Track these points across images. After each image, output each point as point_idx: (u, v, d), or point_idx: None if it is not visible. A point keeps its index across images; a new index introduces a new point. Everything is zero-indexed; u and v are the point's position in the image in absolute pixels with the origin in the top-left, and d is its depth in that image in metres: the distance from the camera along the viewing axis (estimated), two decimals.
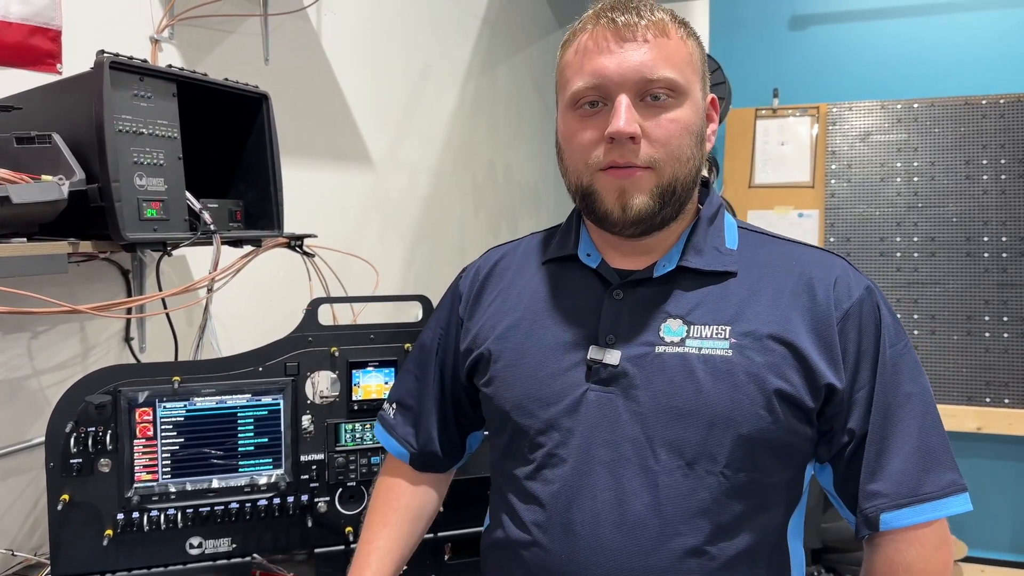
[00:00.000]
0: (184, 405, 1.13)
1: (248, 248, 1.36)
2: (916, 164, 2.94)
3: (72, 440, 1.07)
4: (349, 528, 1.20)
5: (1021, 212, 2.81)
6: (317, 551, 1.21)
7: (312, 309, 1.22)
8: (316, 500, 1.20)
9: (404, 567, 1.07)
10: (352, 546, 1.20)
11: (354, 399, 1.23)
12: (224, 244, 1.26)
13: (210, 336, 1.44)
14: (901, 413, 0.86)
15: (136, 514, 1.10)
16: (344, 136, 2.13)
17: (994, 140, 2.85)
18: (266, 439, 1.18)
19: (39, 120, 1.09)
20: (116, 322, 1.41)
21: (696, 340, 0.86)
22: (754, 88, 3.20)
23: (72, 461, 1.07)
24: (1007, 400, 2.77)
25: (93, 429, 1.08)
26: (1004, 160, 2.83)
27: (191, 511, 1.13)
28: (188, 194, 1.17)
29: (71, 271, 1.18)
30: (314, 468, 1.20)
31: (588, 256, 0.96)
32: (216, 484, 1.15)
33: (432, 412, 1.06)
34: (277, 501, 1.17)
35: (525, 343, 0.94)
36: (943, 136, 2.91)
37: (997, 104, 2.85)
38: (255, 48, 1.74)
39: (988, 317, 2.80)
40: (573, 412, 0.89)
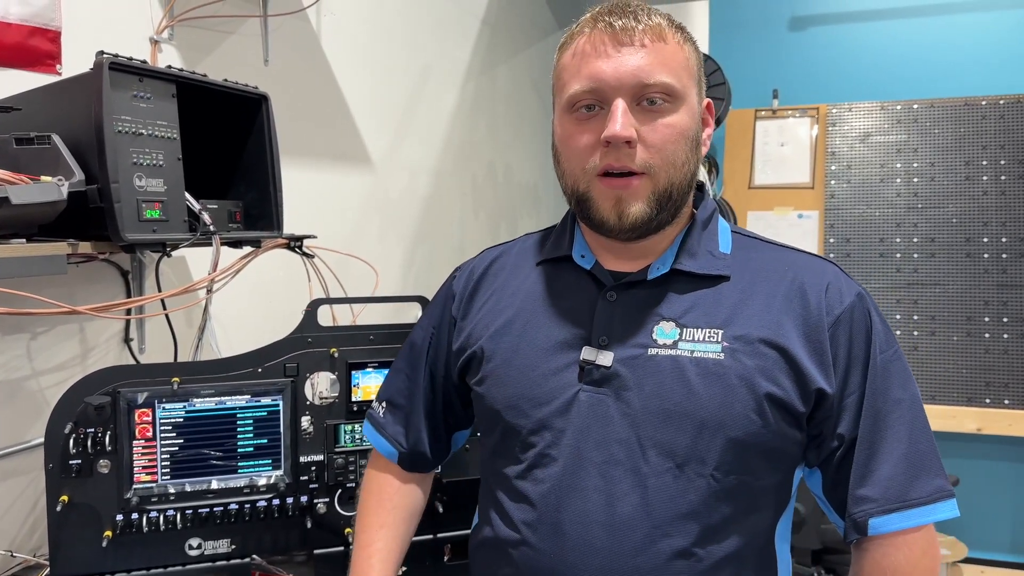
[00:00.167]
0: (183, 406, 1.13)
1: (248, 249, 1.36)
2: (916, 165, 2.94)
3: (71, 441, 1.07)
4: (348, 529, 1.20)
5: (1021, 213, 2.81)
6: (316, 552, 1.21)
7: (311, 310, 1.22)
8: (315, 501, 1.20)
9: (402, 568, 1.07)
10: (352, 547, 1.20)
11: (353, 400, 1.23)
12: (223, 245, 1.26)
13: (209, 337, 1.44)
14: (891, 419, 0.86)
15: (135, 515, 1.10)
16: (344, 137, 2.13)
17: (994, 141, 2.85)
18: (265, 440, 1.18)
19: (38, 121, 1.09)
20: (115, 323, 1.41)
21: (688, 343, 0.87)
22: (754, 89, 3.20)
23: (71, 462, 1.07)
24: (1007, 401, 2.77)
25: (92, 430, 1.08)
26: (1004, 161, 2.83)
27: (190, 512, 1.13)
28: (187, 195, 1.17)
29: (70, 272, 1.18)
30: (313, 469, 1.20)
31: (582, 257, 0.96)
32: (215, 485, 1.15)
33: (421, 412, 1.06)
34: (276, 502, 1.17)
35: (518, 343, 0.95)
36: (943, 137, 2.91)
37: (997, 105, 2.85)
38: (255, 49, 1.74)
39: (988, 318, 2.80)
40: (565, 412, 0.89)
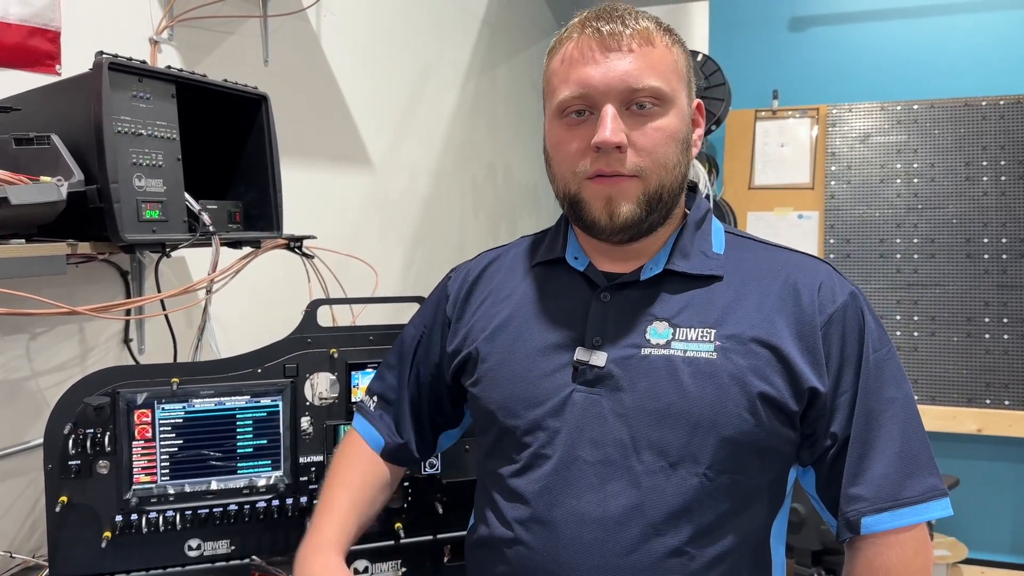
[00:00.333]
0: (183, 407, 1.13)
1: (247, 249, 1.36)
2: (916, 165, 2.94)
3: (70, 442, 1.07)
4: None
5: (1021, 213, 2.81)
6: None
7: (311, 310, 1.22)
8: (315, 502, 1.19)
9: (402, 569, 1.07)
10: (352, 548, 1.20)
11: (353, 401, 1.22)
12: (223, 245, 1.26)
13: (209, 337, 1.44)
14: (883, 418, 0.87)
15: (134, 516, 1.10)
16: (343, 137, 2.13)
17: (994, 141, 2.85)
18: (265, 441, 1.18)
19: (38, 121, 1.09)
20: (115, 323, 1.41)
21: (681, 343, 0.87)
22: (754, 89, 3.20)
23: (70, 463, 1.07)
24: (1007, 402, 2.77)
25: (92, 431, 1.08)
26: (1004, 161, 2.83)
27: (190, 513, 1.12)
28: (187, 195, 1.17)
29: (70, 272, 1.18)
30: (313, 470, 1.20)
31: (576, 259, 0.97)
32: (215, 486, 1.14)
33: (407, 410, 1.08)
34: (276, 503, 1.17)
35: (513, 344, 0.95)
36: (943, 137, 2.91)
37: (997, 105, 2.85)
38: (254, 49, 1.74)
39: (988, 318, 2.80)
40: (559, 412, 0.89)
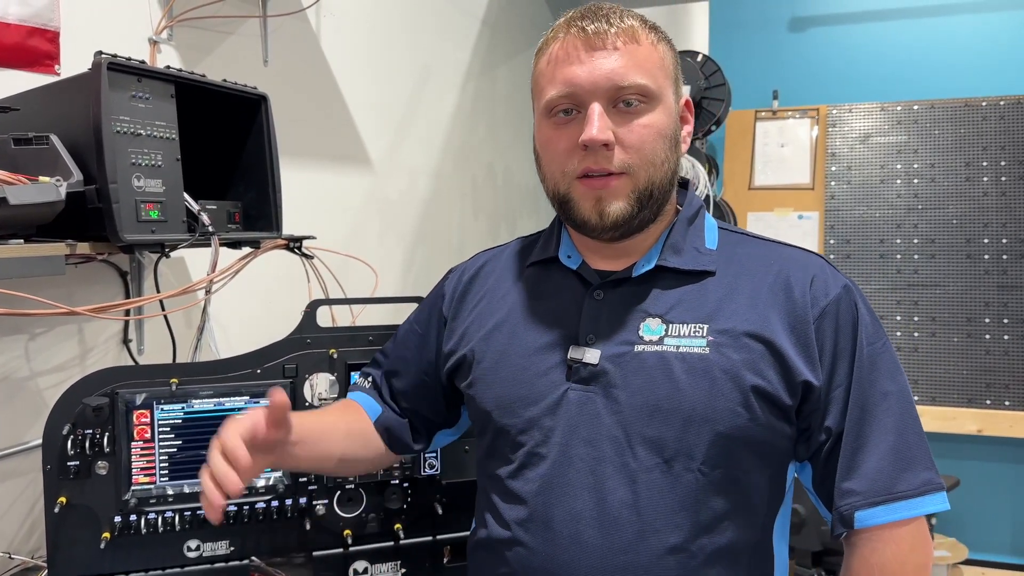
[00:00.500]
0: (182, 407, 1.13)
1: (247, 250, 1.35)
2: (916, 166, 2.94)
3: (69, 442, 1.07)
4: (348, 531, 1.20)
5: (1021, 214, 2.81)
6: (315, 554, 1.20)
7: (311, 311, 1.22)
8: (314, 503, 1.19)
9: (402, 571, 1.06)
10: (352, 548, 1.20)
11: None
12: (222, 246, 1.25)
13: (208, 338, 1.44)
14: (878, 411, 0.86)
15: (133, 517, 1.10)
16: (343, 138, 2.13)
17: (994, 142, 2.85)
18: None
19: (37, 121, 1.09)
20: (114, 324, 1.40)
21: (674, 338, 0.87)
22: (754, 90, 3.20)
23: (69, 463, 1.07)
24: (1007, 402, 2.77)
25: (90, 431, 1.08)
26: (1004, 162, 2.83)
27: (189, 514, 1.12)
28: (186, 195, 1.17)
29: (69, 273, 1.18)
30: None
31: (569, 258, 0.97)
32: None
33: (398, 395, 1.09)
34: (275, 504, 1.17)
35: (507, 344, 0.96)
36: (943, 138, 2.91)
37: (997, 106, 2.85)
38: (254, 49, 1.74)
39: (988, 319, 2.80)
40: (554, 411, 0.90)
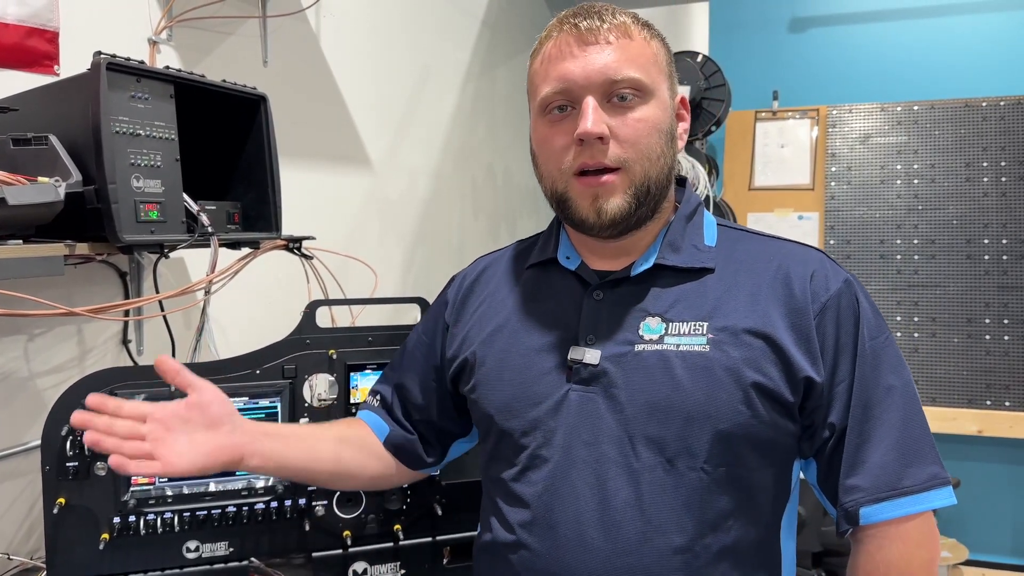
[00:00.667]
0: None
1: (246, 250, 1.35)
2: (916, 166, 2.93)
3: (68, 443, 1.06)
4: (347, 532, 1.20)
5: (1021, 214, 2.80)
6: (315, 555, 1.20)
7: (310, 311, 1.21)
8: (314, 504, 1.19)
9: (401, 572, 1.06)
10: (351, 549, 1.20)
11: (352, 402, 1.22)
12: (222, 246, 1.25)
13: (207, 339, 1.44)
14: (881, 406, 0.86)
15: (132, 518, 1.10)
16: (343, 138, 2.12)
17: (994, 142, 2.85)
18: None
19: (36, 121, 1.09)
20: (113, 324, 1.40)
21: (674, 337, 0.87)
22: (754, 90, 3.20)
23: (68, 464, 1.07)
24: (1008, 403, 2.76)
25: None
26: (1004, 162, 2.83)
27: (188, 515, 1.12)
28: (185, 196, 1.17)
29: (68, 273, 1.17)
30: None
31: (567, 259, 0.97)
32: (213, 487, 1.14)
33: (408, 410, 1.08)
34: (275, 505, 1.17)
35: (508, 347, 0.95)
36: (943, 138, 2.91)
37: (997, 106, 2.85)
38: (254, 50, 1.74)
39: (988, 320, 2.80)
40: (555, 413, 0.89)
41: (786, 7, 3.23)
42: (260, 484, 1.16)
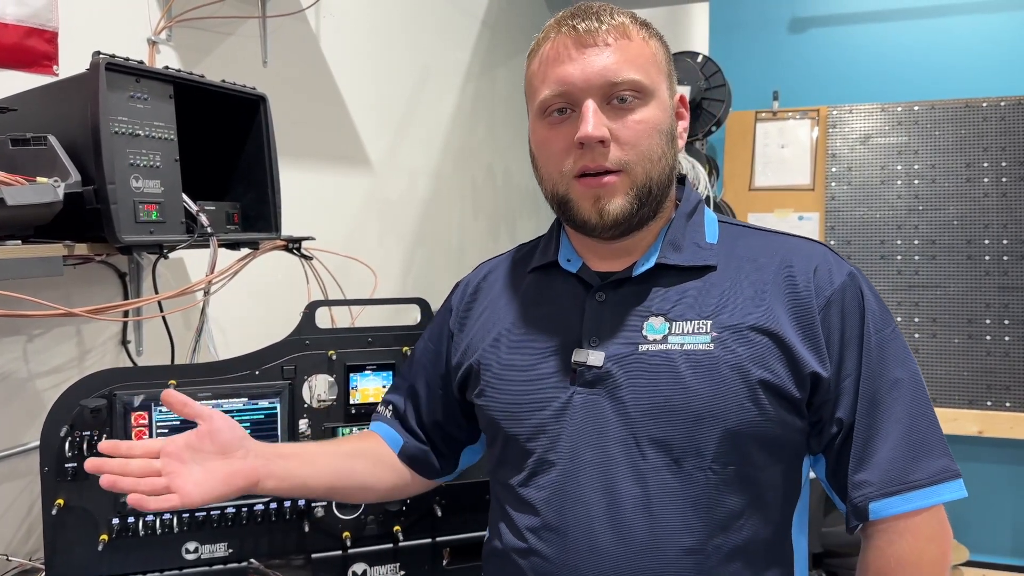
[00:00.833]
0: None
1: (245, 251, 1.35)
2: (916, 167, 2.93)
3: (67, 444, 1.06)
4: (347, 533, 1.19)
5: (1022, 215, 2.80)
6: (314, 556, 1.20)
7: (309, 312, 1.21)
8: (313, 505, 1.19)
9: (401, 573, 1.05)
10: (351, 550, 1.20)
11: (352, 403, 1.22)
12: (221, 247, 1.25)
13: (207, 339, 1.44)
14: (889, 400, 0.85)
15: (131, 519, 1.09)
16: (343, 138, 2.12)
17: (995, 143, 2.84)
18: None
19: (35, 122, 1.08)
20: (112, 325, 1.40)
21: (678, 336, 0.86)
22: (754, 91, 3.19)
23: (67, 465, 1.06)
24: (1008, 404, 2.76)
25: (88, 433, 1.07)
26: (1005, 163, 2.83)
27: (187, 516, 1.12)
28: (185, 196, 1.17)
29: (67, 274, 1.17)
30: None
31: (568, 261, 0.97)
32: None
33: (420, 419, 1.08)
34: (274, 506, 1.16)
35: (512, 352, 0.95)
36: (943, 139, 2.90)
37: (998, 106, 2.85)
38: (253, 50, 1.73)
39: (989, 320, 2.80)
40: (560, 416, 0.89)
41: (786, 7, 3.23)
42: None
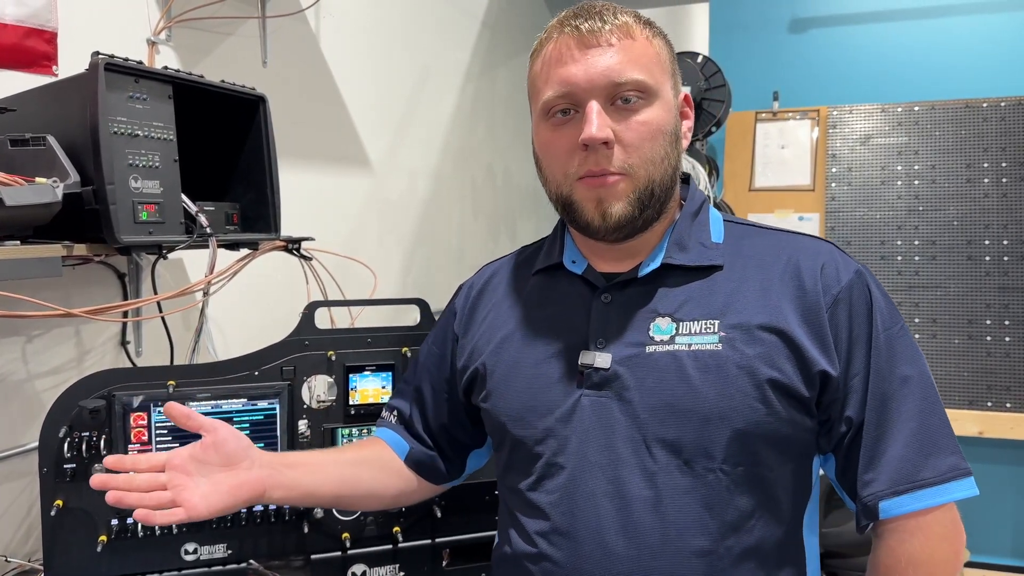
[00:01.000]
0: None
1: (245, 251, 1.35)
2: (917, 167, 2.93)
3: (66, 445, 1.06)
4: (346, 534, 1.19)
5: (1022, 215, 2.80)
6: (313, 557, 1.19)
7: (309, 313, 1.21)
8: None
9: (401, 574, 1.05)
10: (350, 551, 1.20)
11: (351, 403, 1.22)
12: (220, 247, 1.25)
13: (206, 340, 1.43)
14: (898, 397, 0.84)
15: (130, 520, 1.09)
16: (342, 139, 2.12)
17: (995, 143, 2.84)
18: (262, 444, 1.16)
19: (34, 122, 1.08)
20: (112, 326, 1.40)
21: (685, 337, 0.86)
22: (754, 91, 3.19)
23: (66, 466, 1.06)
24: (1009, 404, 2.76)
25: (87, 434, 1.07)
26: (1005, 163, 2.82)
27: None
28: (184, 197, 1.16)
29: (66, 274, 1.17)
30: None
31: (573, 263, 0.96)
32: None
33: (426, 424, 1.07)
34: (273, 507, 1.16)
35: (519, 355, 0.94)
36: (944, 139, 2.90)
37: (998, 107, 2.85)
38: (253, 50, 1.73)
39: (989, 321, 2.80)
40: (568, 419, 0.88)
41: (786, 7, 3.23)
42: None
